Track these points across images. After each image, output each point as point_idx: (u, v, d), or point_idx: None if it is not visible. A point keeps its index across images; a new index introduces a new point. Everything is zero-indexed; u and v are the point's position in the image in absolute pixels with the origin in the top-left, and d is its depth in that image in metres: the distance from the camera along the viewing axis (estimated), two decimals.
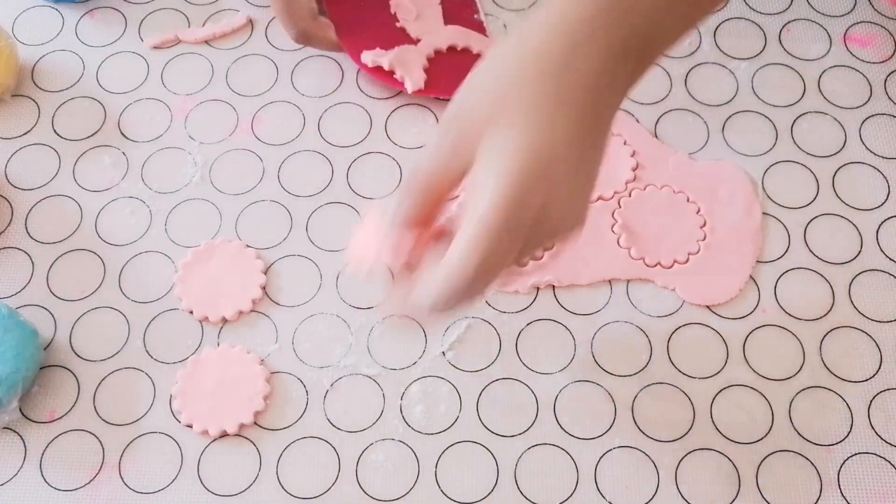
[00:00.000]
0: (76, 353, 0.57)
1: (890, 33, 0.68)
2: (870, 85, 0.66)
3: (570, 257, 0.58)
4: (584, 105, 0.42)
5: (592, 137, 0.43)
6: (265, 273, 0.59)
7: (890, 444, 0.54)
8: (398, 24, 0.66)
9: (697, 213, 0.60)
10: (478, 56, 0.65)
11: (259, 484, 0.53)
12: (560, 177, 0.41)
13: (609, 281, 0.58)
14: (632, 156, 0.62)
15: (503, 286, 0.58)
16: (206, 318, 0.58)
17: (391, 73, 0.64)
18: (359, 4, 0.66)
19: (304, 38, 0.62)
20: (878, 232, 0.60)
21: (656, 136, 0.63)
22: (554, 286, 0.58)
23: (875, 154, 0.63)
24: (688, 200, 0.61)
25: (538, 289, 0.58)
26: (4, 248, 0.61)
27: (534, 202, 0.41)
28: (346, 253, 0.53)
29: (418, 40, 0.66)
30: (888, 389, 0.55)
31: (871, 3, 0.69)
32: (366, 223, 0.48)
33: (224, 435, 0.54)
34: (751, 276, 0.58)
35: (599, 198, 0.61)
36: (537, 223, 0.41)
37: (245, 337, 0.57)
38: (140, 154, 0.64)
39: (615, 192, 0.61)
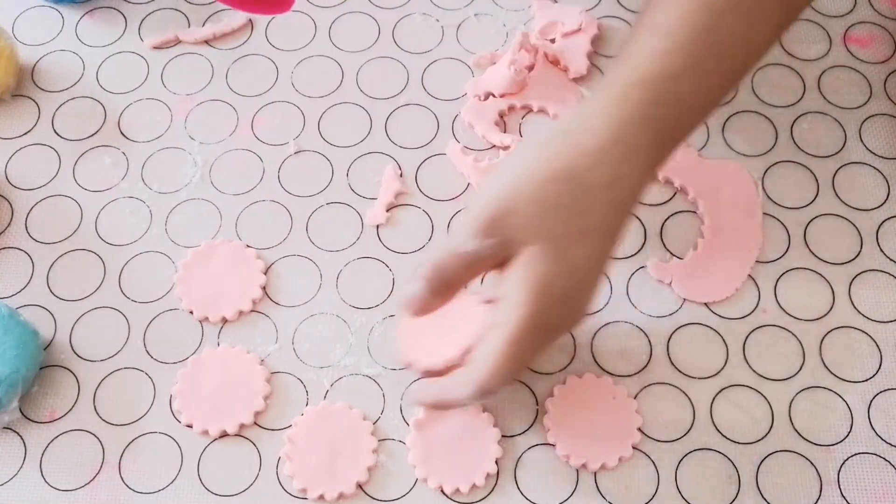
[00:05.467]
0: (76, 353, 0.57)
1: (890, 33, 0.68)
2: (870, 85, 0.66)
3: None
4: (618, 232, 0.48)
5: (612, 255, 0.48)
6: (265, 273, 0.59)
7: (890, 444, 0.54)
8: None
9: (697, 212, 0.60)
10: None
11: (259, 484, 0.53)
12: (580, 297, 0.48)
13: (609, 281, 0.58)
14: None
15: None
16: (206, 318, 0.58)
17: None
18: None
19: None
20: (878, 232, 0.60)
21: None
22: None
23: (875, 154, 0.63)
24: (688, 198, 0.61)
25: None
26: (4, 248, 0.61)
27: (553, 322, 0.48)
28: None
29: None
30: (888, 389, 0.55)
31: (870, 4, 0.69)
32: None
33: (224, 435, 0.54)
34: (750, 276, 0.58)
35: None
36: (553, 333, 0.49)
37: (245, 337, 0.57)
38: (140, 154, 0.64)
39: None
